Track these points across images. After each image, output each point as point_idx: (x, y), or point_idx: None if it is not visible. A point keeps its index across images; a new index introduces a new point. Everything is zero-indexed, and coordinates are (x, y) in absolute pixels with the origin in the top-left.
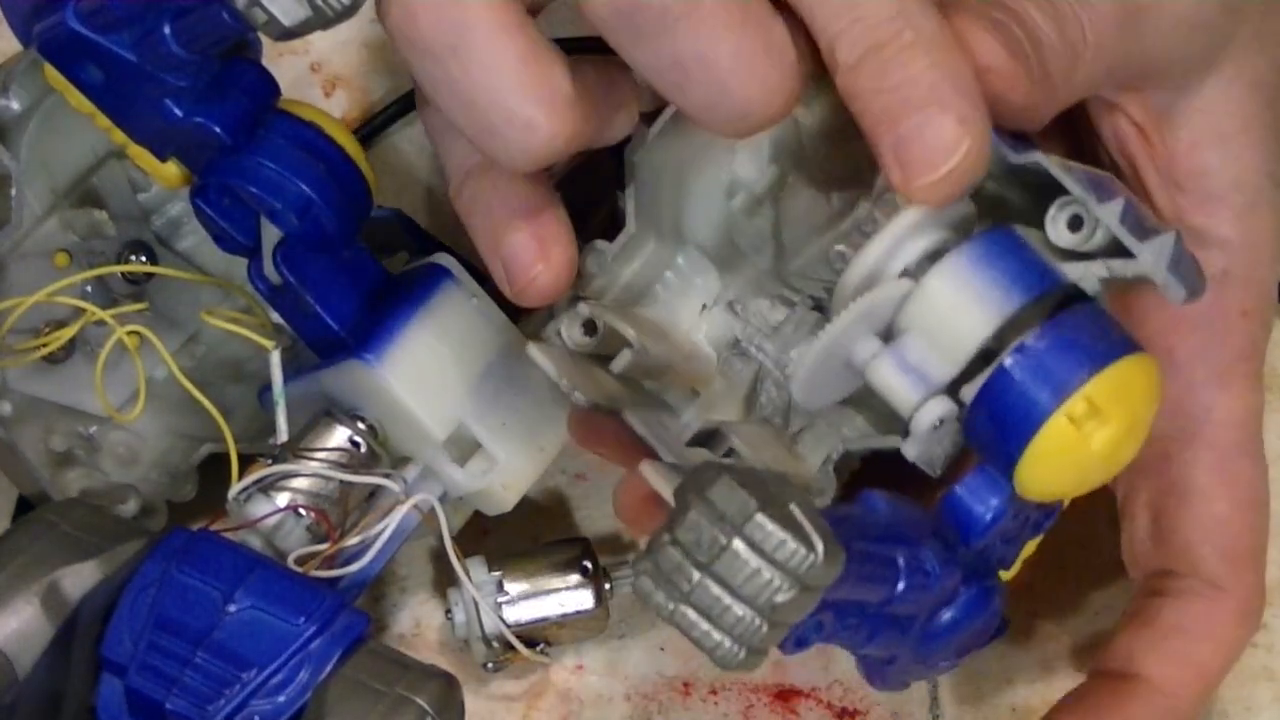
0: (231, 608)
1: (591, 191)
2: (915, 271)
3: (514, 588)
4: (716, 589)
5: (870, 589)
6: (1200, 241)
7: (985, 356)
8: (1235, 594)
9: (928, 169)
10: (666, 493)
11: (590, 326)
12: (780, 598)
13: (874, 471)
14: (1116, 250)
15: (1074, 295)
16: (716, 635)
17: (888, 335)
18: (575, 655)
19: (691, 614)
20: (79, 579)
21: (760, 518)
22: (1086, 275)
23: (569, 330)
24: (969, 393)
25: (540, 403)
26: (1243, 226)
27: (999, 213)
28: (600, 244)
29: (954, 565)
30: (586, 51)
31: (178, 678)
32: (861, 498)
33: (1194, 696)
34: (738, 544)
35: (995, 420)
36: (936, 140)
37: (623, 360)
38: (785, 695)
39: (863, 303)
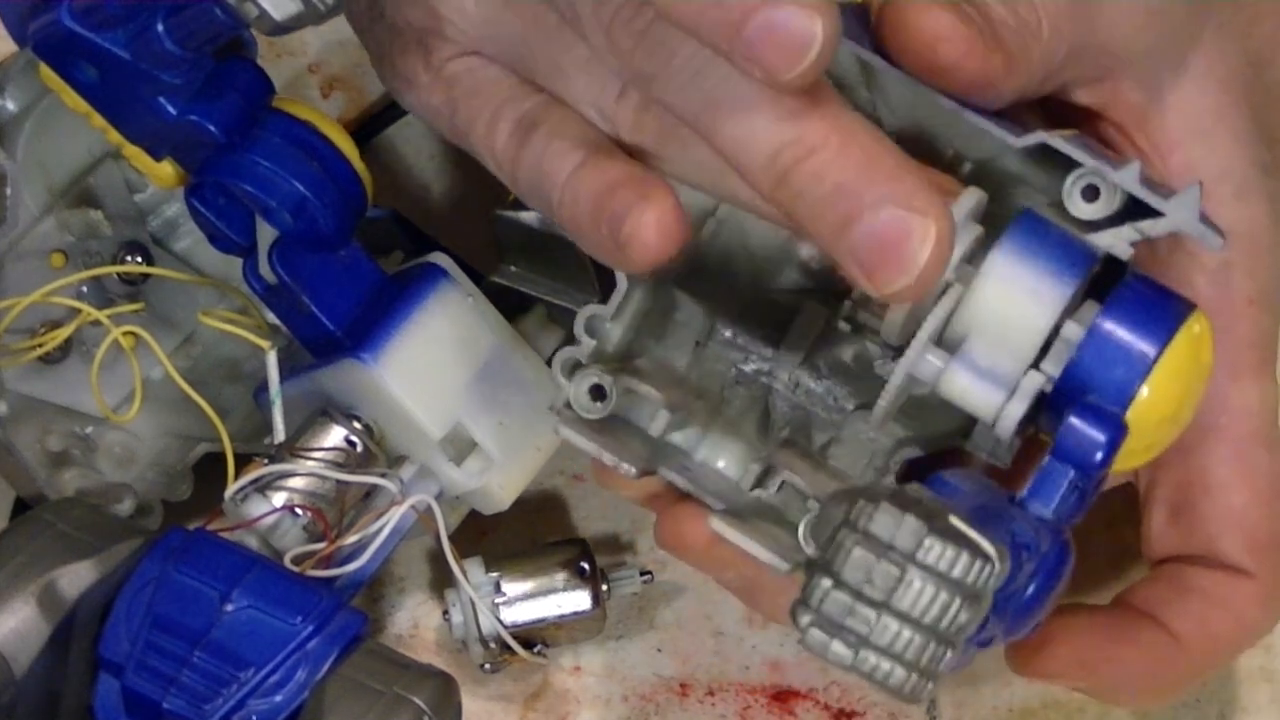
0: (229, 607)
1: None
2: (958, 276)
3: (511, 589)
4: (896, 623)
5: None
6: None
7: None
8: (1260, 578)
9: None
10: (747, 545)
11: (598, 391)
12: (964, 616)
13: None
14: (1137, 213)
15: (1106, 263)
16: (901, 671)
17: (940, 340)
18: (573, 656)
19: (873, 657)
20: (76, 578)
21: (930, 539)
22: (1116, 241)
23: (578, 399)
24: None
25: (536, 402)
26: (1236, 216)
27: (1003, 189)
28: (595, 307)
29: (1043, 528)
30: None
31: (175, 677)
32: (934, 482)
33: (1203, 658)
34: (913, 572)
35: (1108, 357)
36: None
37: (660, 422)
38: (783, 696)
39: (928, 328)
